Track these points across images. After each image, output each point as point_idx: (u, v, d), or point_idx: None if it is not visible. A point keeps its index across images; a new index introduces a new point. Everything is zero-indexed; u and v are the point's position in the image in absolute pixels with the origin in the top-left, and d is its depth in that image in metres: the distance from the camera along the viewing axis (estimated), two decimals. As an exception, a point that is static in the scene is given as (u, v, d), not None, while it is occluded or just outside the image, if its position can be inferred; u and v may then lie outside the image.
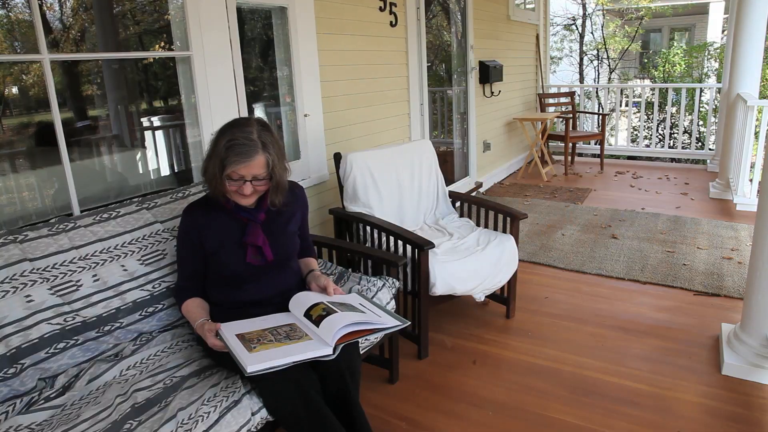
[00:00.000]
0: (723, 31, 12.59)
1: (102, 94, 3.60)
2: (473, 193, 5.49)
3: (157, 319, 2.02)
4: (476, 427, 2.21)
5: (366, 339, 2.11)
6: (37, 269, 1.79)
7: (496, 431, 2.19)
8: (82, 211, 2.23)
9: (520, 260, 3.05)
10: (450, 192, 3.42)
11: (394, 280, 2.36)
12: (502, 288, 3.03)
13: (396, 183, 3.11)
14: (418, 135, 4.57)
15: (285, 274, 2.01)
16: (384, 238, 2.74)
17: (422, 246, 2.47)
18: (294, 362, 1.57)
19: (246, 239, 1.89)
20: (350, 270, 2.48)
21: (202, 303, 1.94)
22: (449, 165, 5.56)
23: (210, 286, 1.96)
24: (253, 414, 1.62)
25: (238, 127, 1.81)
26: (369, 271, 2.53)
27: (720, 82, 6.81)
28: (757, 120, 4.54)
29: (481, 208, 3.18)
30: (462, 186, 5.47)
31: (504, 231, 3.02)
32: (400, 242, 2.62)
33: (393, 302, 2.30)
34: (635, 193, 5.64)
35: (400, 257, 2.42)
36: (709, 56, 10.27)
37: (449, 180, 5.31)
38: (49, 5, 3.20)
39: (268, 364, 1.52)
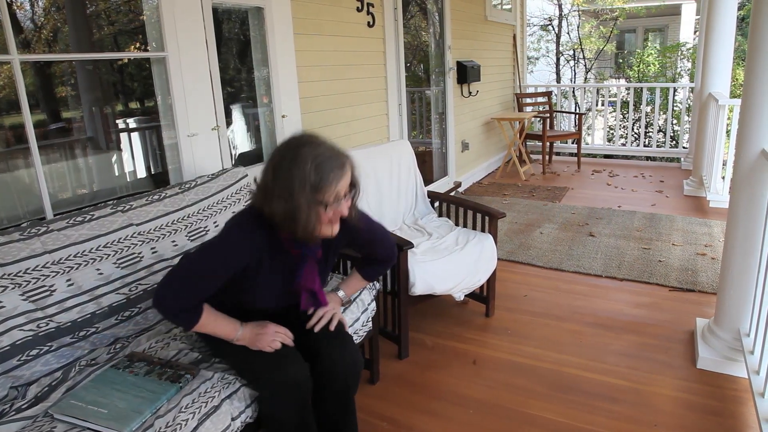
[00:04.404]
0: (695, 32, 12.84)
1: (76, 96, 3.54)
2: (452, 193, 5.51)
3: (133, 324, 1.99)
4: (458, 426, 2.22)
5: (355, 333, 2.12)
6: (9, 274, 1.75)
7: (478, 429, 2.20)
8: (55, 215, 2.19)
9: (498, 259, 3.06)
10: (429, 192, 3.43)
11: (374, 281, 2.35)
12: (482, 287, 3.04)
13: (374, 183, 3.11)
14: (397, 135, 4.57)
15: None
16: (363, 239, 2.73)
17: (401, 246, 2.47)
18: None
19: (300, 281, 1.61)
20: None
21: (212, 308, 1.67)
22: (428, 165, 5.57)
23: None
24: (233, 419, 1.60)
25: (305, 146, 1.51)
26: (348, 272, 2.53)
27: (693, 82, 6.94)
28: (728, 119, 4.63)
29: (460, 208, 3.19)
30: (441, 186, 5.49)
31: (483, 230, 3.04)
32: (379, 242, 2.62)
33: (374, 303, 2.30)
34: (612, 192, 5.71)
35: (380, 257, 2.41)
36: (682, 56, 10.45)
37: (428, 180, 5.32)
38: (19, 4, 3.13)
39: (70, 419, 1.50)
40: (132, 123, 3.73)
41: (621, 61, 14.42)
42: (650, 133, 7.19)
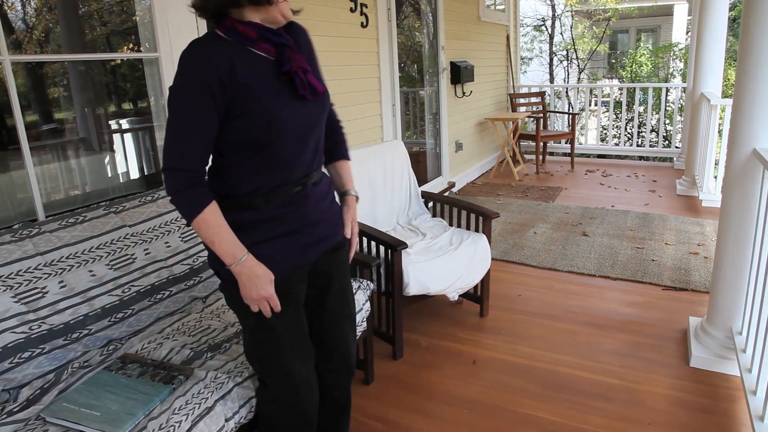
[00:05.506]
0: (687, 33, 12.91)
1: (68, 97, 3.52)
2: (446, 193, 5.51)
3: (126, 325, 1.98)
4: (452, 426, 2.22)
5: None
6: (0, 277, 1.74)
7: (472, 429, 2.20)
8: (47, 217, 2.18)
9: (492, 259, 3.07)
10: (423, 192, 3.43)
11: (369, 282, 2.35)
12: (476, 287, 3.05)
13: (368, 184, 3.11)
14: (391, 136, 4.57)
15: (320, 135, 1.67)
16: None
17: (395, 246, 2.47)
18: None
19: (290, 66, 1.45)
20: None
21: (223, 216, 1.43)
22: (422, 165, 5.58)
23: (223, 170, 1.45)
24: (227, 420, 1.59)
25: None
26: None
27: (685, 82, 6.97)
28: (720, 118, 4.67)
29: (454, 208, 3.19)
30: (435, 186, 5.49)
31: (476, 230, 3.05)
32: (373, 243, 2.62)
33: (368, 304, 2.30)
34: (605, 191, 5.74)
35: (374, 258, 2.42)
36: (674, 57, 10.51)
37: (422, 180, 5.33)
38: (10, 5, 3.11)
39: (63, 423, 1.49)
40: (125, 124, 3.71)
41: (614, 61, 14.50)
42: (643, 133, 7.22)
